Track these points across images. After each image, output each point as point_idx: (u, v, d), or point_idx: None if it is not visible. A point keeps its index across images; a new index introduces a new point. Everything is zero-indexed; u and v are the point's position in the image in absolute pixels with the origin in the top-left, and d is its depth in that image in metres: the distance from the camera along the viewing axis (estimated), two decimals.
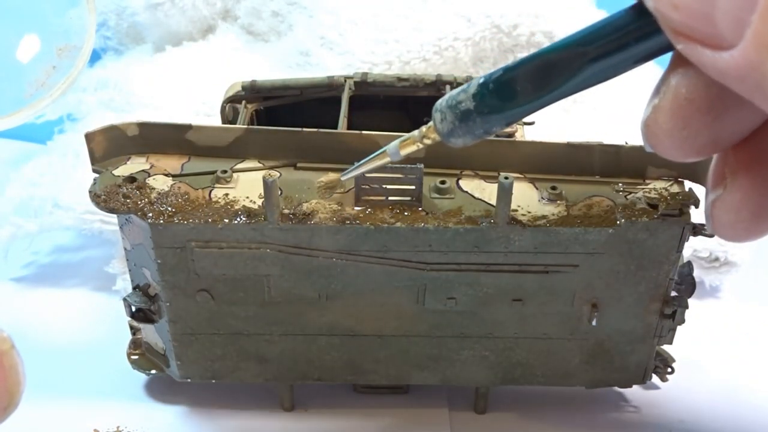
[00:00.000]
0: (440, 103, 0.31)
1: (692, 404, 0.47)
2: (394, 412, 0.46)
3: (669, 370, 0.45)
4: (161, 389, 0.47)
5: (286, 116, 0.48)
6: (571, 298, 0.41)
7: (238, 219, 0.38)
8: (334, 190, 0.38)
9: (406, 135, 0.34)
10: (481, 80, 0.29)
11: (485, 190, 0.40)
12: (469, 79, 0.48)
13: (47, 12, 0.35)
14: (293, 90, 0.48)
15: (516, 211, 0.39)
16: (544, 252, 0.39)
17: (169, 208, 0.38)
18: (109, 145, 0.41)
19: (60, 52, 0.35)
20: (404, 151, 0.34)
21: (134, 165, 0.41)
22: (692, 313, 0.42)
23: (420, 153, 0.35)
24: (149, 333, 0.45)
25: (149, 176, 0.40)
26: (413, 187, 0.38)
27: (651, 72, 0.71)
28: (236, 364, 0.43)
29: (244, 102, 0.47)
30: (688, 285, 0.42)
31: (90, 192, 0.39)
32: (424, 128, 0.33)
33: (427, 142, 0.33)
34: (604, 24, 0.27)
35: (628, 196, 0.39)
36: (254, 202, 0.39)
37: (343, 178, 0.37)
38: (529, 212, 0.39)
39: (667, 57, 0.27)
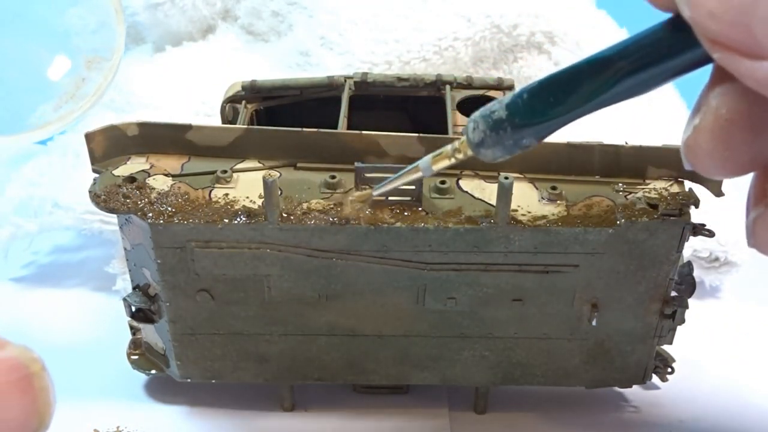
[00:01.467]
0: (475, 113, 0.31)
1: (692, 404, 0.47)
2: (394, 412, 0.46)
3: (669, 370, 0.45)
4: (161, 389, 0.47)
5: (286, 116, 0.48)
6: (571, 298, 0.41)
7: (238, 219, 0.38)
8: (366, 205, 0.38)
9: (439, 150, 0.34)
10: (517, 91, 0.29)
11: (485, 190, 0.40)
12: (469, 79, 0.48)
13: (76, 25, 0.35)
14: (293, 90, 0.48)
15: (516, 211, 0.39)
16: (544, 252, 0.39)
17: (169, 208, 0.38)
18: (109, 145, 0.41)
19: (89, 64, 0.36)
20: (436, 166, 0.34)
21: (134, 165, 0.41)
22: (692, 313, 0.42)
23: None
24: (149, 333, 0.45)
25: (149, 176, 0.40)
26: (413, 187, 0.38)
27: None
28: (236, 364, 0.43)
29: (244, 102, 0.47)
30: (688, 285, 0.42)
31: (90, 192, 0.39)
32: (456, 143, 0.33)
33: (459, 156, 0.33)
34: (640, 37, 0.27)
35: (628, 196, 0.39)
36: (254, 202, 0.39)
37: (375, 194, 0.38)
38: (529, 212, 0.39)
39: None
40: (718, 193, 0.39)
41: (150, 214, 0.38)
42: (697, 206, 0.39)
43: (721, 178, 0.27)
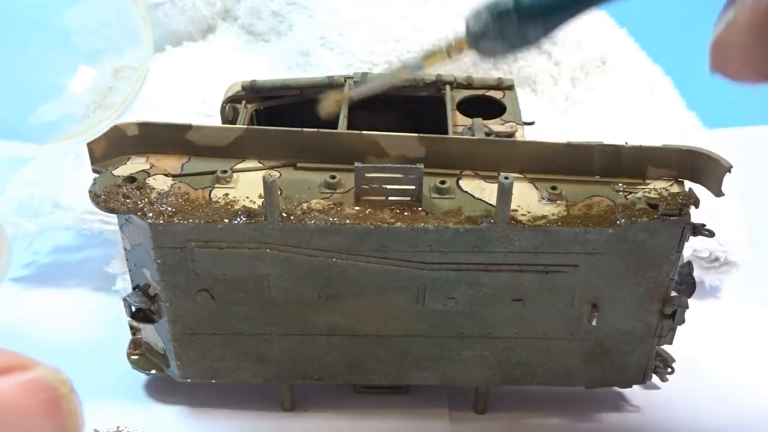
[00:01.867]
0: (475, 7, 0.29)
1: (692, 404, 0.47)
2: (394, 412, 0.46)
3: (669, 370, 0.45)
4: (161, 389, 0.47)
5: (286, 116, 0.48)
6: (571, 298, 0.41)
7: (238, 219, 0.38)
8: (341, 105, 0.36)
9: (430, 47, 0.32)
10: None
11: (485, 190, 0.40)
12: (469, 79, 0.48)
13: (104, 32, 0.35)
14: (293, 90, 0.48)
15: (516, 211, 0.39)
16: (544, 252, 0.39)
17: (169, 208, 0.38)
18: (109, 145, 0.41)
19: (116, 72, 0.35)
20: (428, 63, 0.32)
21: (134, 165, 0.41)
22: (692, 313, 0.42)
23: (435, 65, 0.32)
24: (149, 333, 0.45)
25: (149, 176, 0.40)
26: (413, 187, 0.38)
27: (651, 72, 0.72)
28: (236, 364, 0.43)
29: (244, 102, 0.47)
30: (688, 285, 0.42)
31: (90, 192, 0.39)
32: (452, 38, 0.31)
33: (455, 54, 0.31)
34: None
35: (628, 196, 0.39)
36: (254, 202, 0.39)
37: (353, 93, 0.35)
38: (529, 212, 0.39)
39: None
40: (718, 193, 0.39)
41: (150, 214, 0.38)
42: (697, 206, 0.39)
43: (749, 83, 0.25)
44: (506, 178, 0.37)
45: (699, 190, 0.40)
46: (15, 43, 0.34)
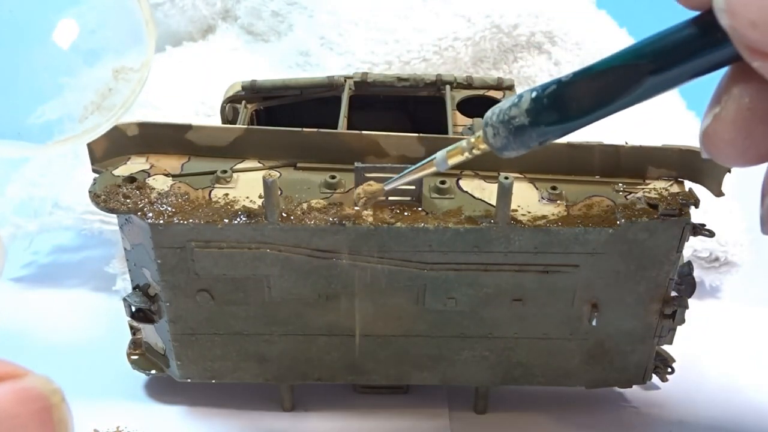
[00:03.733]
0: (490, 117, 0.30)
1: (692, 404, 0.47)
2: (394, 412, 0.46)
3: (669, 370, 0.45)
4: (161, 389, 0.47)
5: (286, 116, 0.48)
6: (571, 298, 0.41)
7: (238, 219, 0.38)
8: (375, 199, 0.38)
9: (454, 145, 0.33)
10: (533, 95, 0.29)
11: (485, 190, 0.40)
12: (469, 79, 0.48)
13: (105, 32, 0.35)
14: (293, 90, 0.48)
15: (516, 211, 0.39)
16: (544, 252, 0.39)
17: (169, 208, 0.38)
18: (109, 145, 0.41)
19: (116, 74, 0.35)
20: (452, 161, 0.34)
21: (134, 165, 0.41)
22: (692, 313, 0.42)
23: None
24: (149, 333, 0.45)
25: (149, 176, 0.40)
26: (413, 187, 0.38)
27: None
28: (236, 364, 0.43)
29: (244, 102, 0.47)
30: (688, 285, 0.42)
31: (90, 192, 0.39)
32: (472, 138, 0.32)
33: (476, 152, 0.32)
34: (664, 36, 0.27)
35: (628, 196, 0.39)
36: (254, 202, 0.39)
37: (386, 188, 0.37)
38: (529, 212, 0.39)
39: None
40: (718, 193, 0.39)
41: (150, 214, 0.38)
42: (697, 206, 0.39)
43: (738, 166, 0.27)
44: (506, 178, 0.37)
45: (699, 190, 0.40)
46: (15, 42, 0.34)
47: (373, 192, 0.38)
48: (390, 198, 0.39)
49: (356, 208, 0.38)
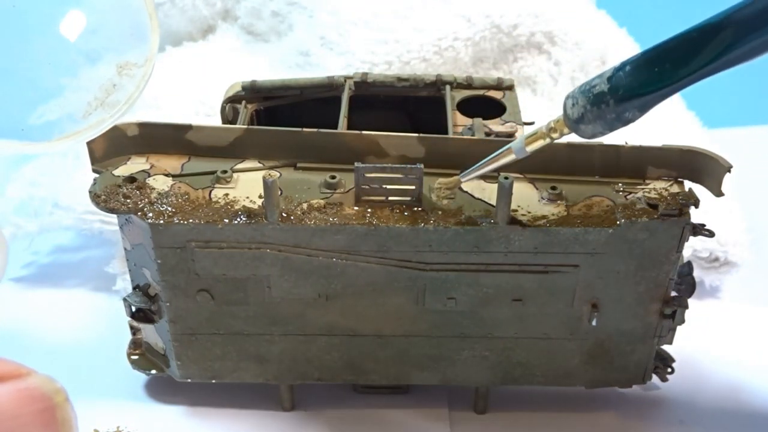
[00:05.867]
0: (572, 90, 0.30)
1: (692, 404, 0.47)
2: (394, 412, 0.46)
3: (669, 370, 0.45)
4: (161, 389, 0.47)
5: (286, 116, 0.48)
6: (571, 298, 0.41)
7: (238, 219, 0.38)
8: (453, 191, 0.38)
9: (532, 130, 0.33)
10: (617, 65, 0.29)
11: (485, 190, 0.40)
12: (469, 79, 0.48)
13: (109, 28, 0.35)
14: (293, 90, 0.48)
15: (516, 211, 0.39)
16: (544, 252, 0.39)
17: (169, 208, 0.38)
18: (109, 145, 0.41)
19: (120, 70, 0.35)
20: (531, 147, 0.33)
21: (134, 165, 0.41)
22: (692, 313, 0.42)
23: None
24: (149, 333, 0.45)
25: (149, 176, 0.40)
26: (413, 187, 0.38)
27: None
28: (236, 364, 0.43)
29: (244, 102, 0.47)
30: (688, 285, 0.42)
31: (90, 192, 0.39)
32: (552, 122, 0.32)
33: (555, 135, 0.32)
34: (752, 1, 0.26)
35: (628, 196, 0.39)
36: (254, 202, 0.39)
37: (463, 179, 0.37)
38: (529, 212, 0.39)
39: None
40: (718, 193, 0.39)
41: (150, 214, 0.38)
42: (697, 206, 0.39)
43: None
44: (506, 178, 0.37)
45: (699, 190, 0.40)
46: (16, 41, 0.34)
47: (450, 183, 0.38)
48: (390, 198, 0.39)
49: (433, 199, 0.38)
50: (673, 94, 0.28)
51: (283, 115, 0.48)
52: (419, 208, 0.39)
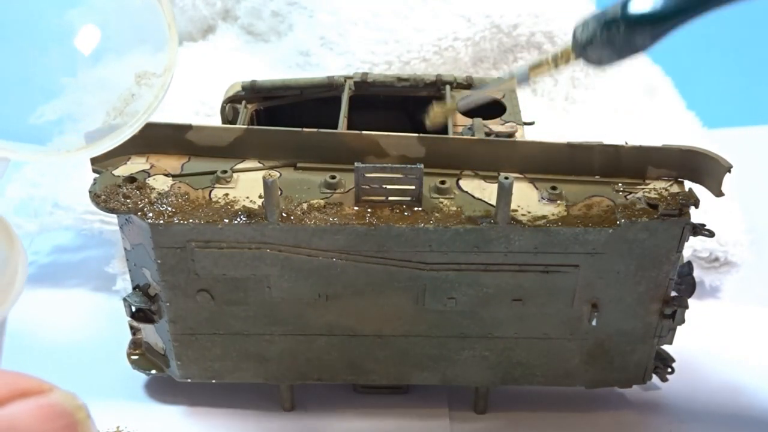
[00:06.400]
0: (584, 17, 0.30)
1: (692, 404, 0.47)
2: (394, 412, 0.46)
3: (669, 370, 0.45)
4: (161, 389, 0.47)
5: (286, 116, 0.48)
6: (571, 298, 0.41)
7: (238, 219, 0.38)
8: (447, 115, 0.37)
9: (537, 58, 0.33)
10: None
11: (485, 190, 0.40)
12: (469, 79, 0.48)
13: (127, 37, 0.35)
14: (293, 90, 0.48)
15: (516, 211, 0.39)
16: (544, 252, 0.39)
17: (169, 208, 0.38)
18: None
19: (139, 79, 0.35)
20: (535, 74, 0.33)
21: (134, 165, 0.41)
22: (692, 313, 0.42)
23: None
24: (149, 333, 0.45)
25: (149, 176, 0.40)
26: (413, 187, 0.38)
27: (650, 72, 0.72)
28: (236, 364, 0.43)
29: (244, 102, 0.47)
30: (688, 285, 0.42)
31: (90, 192, 0.39)
32: (559, 49, 0.32)
33: (561, 63, 0.32)
34: None
35: (628, 196, 0.39)
36: (254, 202, 0.39)
37: (460, 103, 0.36)
38: (529, 212, 0.39)
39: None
40: (718, 193, 0.39)
41: (150, 214, 0.38)
42: (697, 206, 0.39)
43: None
44: (506, 178, 0.37)
45: (699, 190, 0.40)
46: (28, 43, 0.34)
47: (448, 109, 0.37)
48: (390, 198, 0.39)
49: (427, 123, 0.38)
50: (687, 22, 0.28)
51: (283, 115, 0.48)
52: (419, 208, 0.39)
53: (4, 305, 0.26)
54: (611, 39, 0.29)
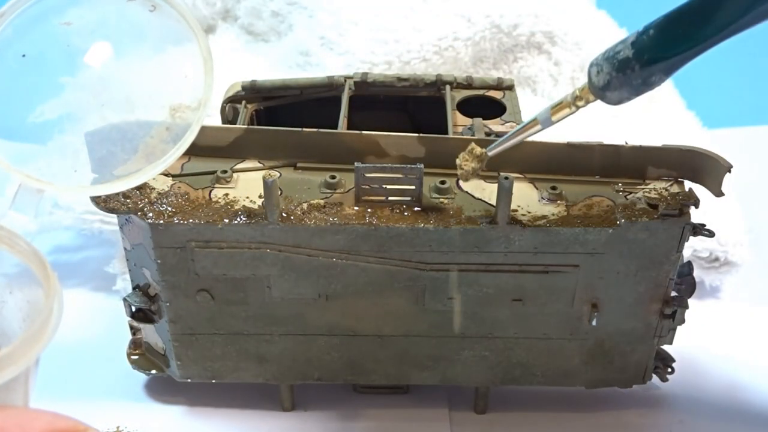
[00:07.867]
0: (595, 57, 0.30)
1: (692, 404, 0.47)
2: (394, 412, 0.46)
3: (669, 370, 0.45)
4: (161, 389, 0.47)
5: (286, 116, 0.48)
6: (571, 298, 0.41)
7: (238, 219, 0.38)
8: (482, 165, 0.37)
9: (557, 100, 0.33)
10: (640, 29, 0.29)
11: (485, 190, 0.40)
12: (469, 79, 0.48)
13: (165, 70, 0.35)
14: (293, 90, 0.48)
15: (516, 211, 0.39)
16: (544, 252, 0.39)
17: (169, 208, 0.38)
18: None
19: (174, 112, 0.36)
20: (556, 117, 0.33)
21: None
22: (692, 313, 0.42)
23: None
24: (149, 333, 0.45)
25: None
26: (413, 187, 0.38)
27: None
28: (236, 364, 0.43)
29: (244, 102, 0.47)
30: (688, 285, 0.42)
31: None
32: (577, 90, 0.32)
33: (581, 104, 0.32)
34: None
35: (628, 196, 0.39)
36: (254, 202, 0.39)
37: (490, 153, 0.36)
38: (529, 212, 0.39)
39: None
40: (718, 193, 0.39)
41: (150, 214, 0.38)
42: (697, 206, 0.39)
43: None
44: (506, 178, 0.37)
45: (699, 190, 0.40)
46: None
47: (478, 158, 0.36)
48: (390, 198, 0.39)
49: (459, 181, 0.38)
50: (699, 55, 0.28)
51: (283, 115, 0.48)
52: (419, 208, 0.39)
53: (38, 345, 0.26)
54: (627, 80, 0.29)
